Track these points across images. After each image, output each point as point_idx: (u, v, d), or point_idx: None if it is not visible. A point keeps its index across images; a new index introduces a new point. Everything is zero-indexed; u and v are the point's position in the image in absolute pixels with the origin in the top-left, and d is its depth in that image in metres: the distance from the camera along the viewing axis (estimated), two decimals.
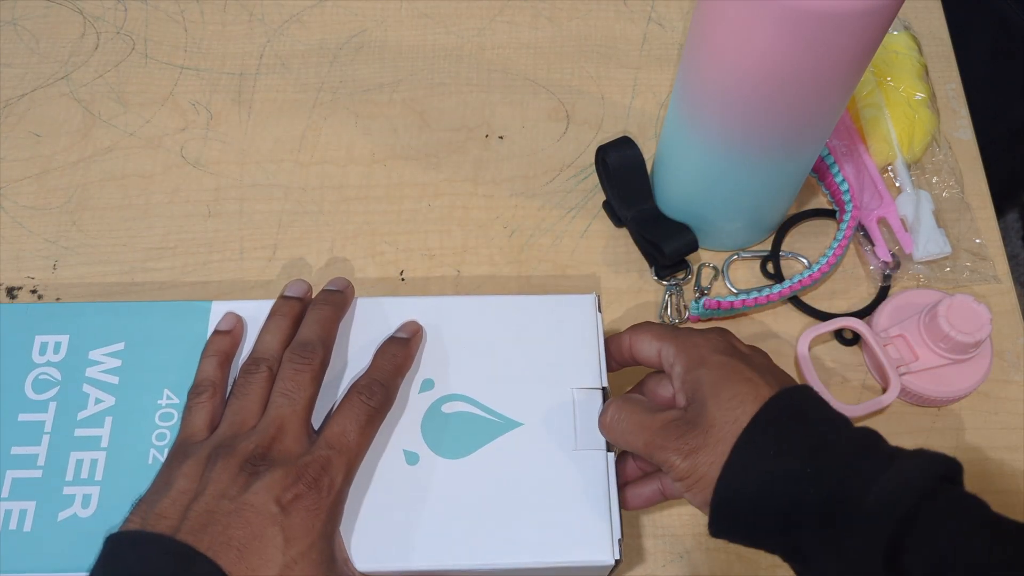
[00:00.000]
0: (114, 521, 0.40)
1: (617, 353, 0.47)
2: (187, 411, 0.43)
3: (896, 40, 0.62)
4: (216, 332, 0.45)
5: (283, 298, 0.47)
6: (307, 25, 0.65)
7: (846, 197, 0.56)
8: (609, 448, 0.44)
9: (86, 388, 0.45)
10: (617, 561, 0.42)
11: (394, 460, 0.43)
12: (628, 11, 0.66)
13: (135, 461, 0.43)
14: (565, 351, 0.46)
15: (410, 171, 0.60)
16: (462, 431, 0.44)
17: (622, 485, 0.46)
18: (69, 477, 0.43)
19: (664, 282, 0.56)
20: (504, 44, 0.65)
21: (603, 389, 0.45)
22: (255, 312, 0.47)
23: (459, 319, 0.47)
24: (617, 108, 0.62)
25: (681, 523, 0.50)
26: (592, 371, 0.45)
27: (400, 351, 0.45)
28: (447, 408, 0.45)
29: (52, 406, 0.44)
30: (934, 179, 0.59)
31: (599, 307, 0.47)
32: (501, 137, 0.61)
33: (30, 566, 0.41)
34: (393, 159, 0.60)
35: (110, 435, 0.44)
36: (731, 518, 0.39)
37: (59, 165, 0.60)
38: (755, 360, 0.42)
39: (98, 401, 0.45)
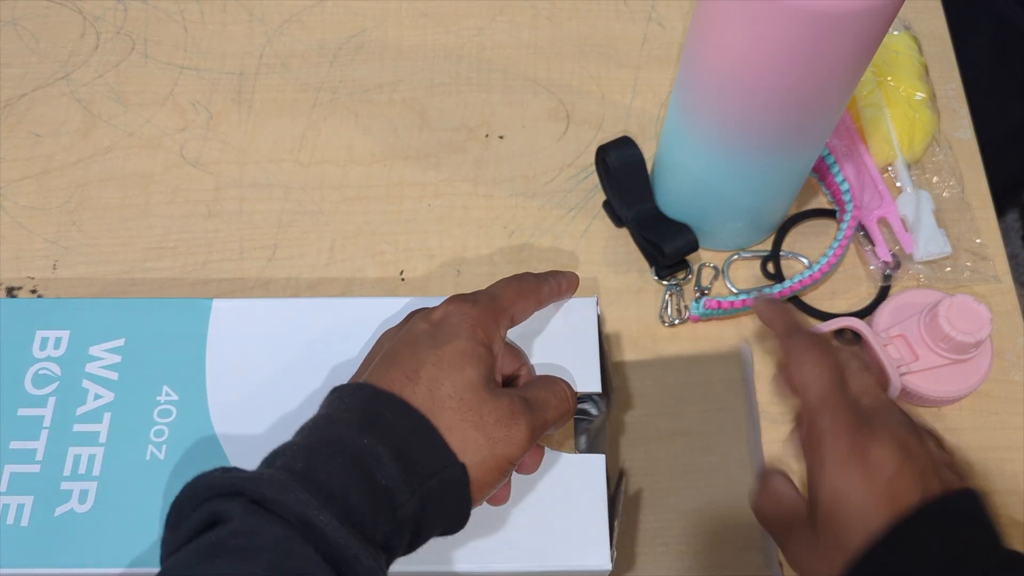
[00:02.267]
0: (111, 517, 0.40)
1: (787, 385, 0.41)
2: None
3: (896, 40, 0.62)
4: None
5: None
6: (307, 25, 0.65)
7: (846, 197, 0.56)
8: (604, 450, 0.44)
9: (86, 384, 0.45)
10: (610, 569, 0.42)
11: None
12: (628, 11, 0.66)
13: (133, 457, 0.43)
14: (565, 354, 0.46)
15: (410, 171, 0.60)
16: None
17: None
18: (67, 472, 0.43)
19: (664, 282, 0.56)
20: (504, 44, 0.65)
21: (600, 395, 0.45)
22: (255, 311, 0.46)
23: None
24: (617, 108, 0.62)
25: (680, 523, 0.50)
26: (591, 374, 0.45)
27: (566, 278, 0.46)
28: None
29: (51, 401, 0.45)
30: (934, 179, 0.59)
31: (599, 309, 0.47)
32: (501, 137, 0.61)
33: (28, 561, 0.41)
34: (393, 159, 0.60)
35: (109, 431, 0.44)
36: None
37: (59, 165, 0.60)
38: (884, 470, 0.36)
39: (97, 397, 0.45)
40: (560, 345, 0.46)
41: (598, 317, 0.47)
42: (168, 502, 0.42)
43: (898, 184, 0.58)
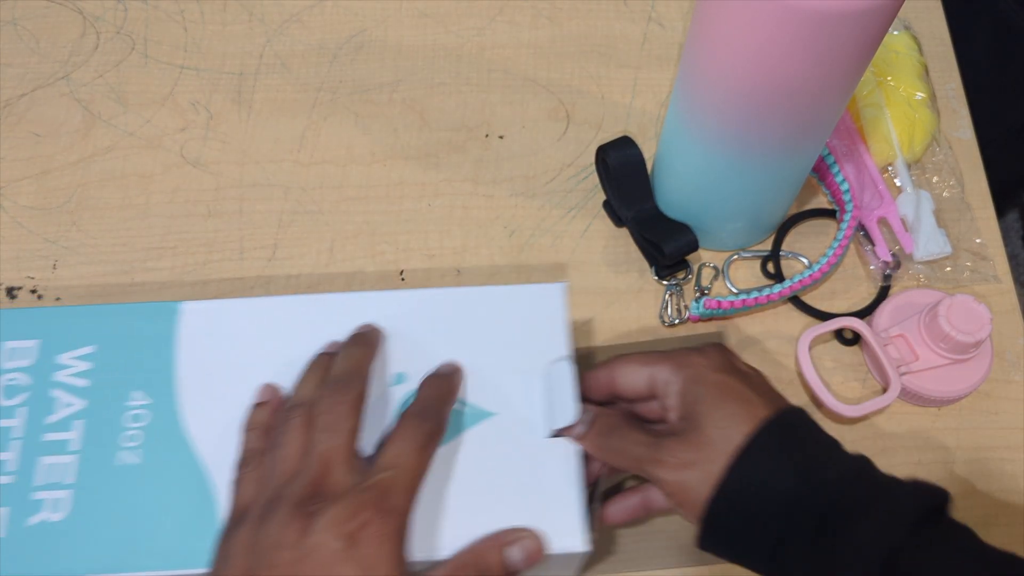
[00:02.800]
0: (86, 524, 0.40)
1: (596, 389, 0.46)
2: (234, 485, 0.41)
3: (896, 40, 0.62)
4: (255, 405, 0.44)
5: (321, 353, 0.45)
6: (307, 25, 0.65)
7: (846, 197, 0.56)
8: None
9: (56, 392, 0.44)
10: (587, 551, 0.41)
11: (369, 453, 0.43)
12: (628, 11, 0.66)
13: (106, 464, 0.43)
14: (535, 341, 0.46)
15: (410, 171, 0.60)
16: None
17: (605, 500, 0.47)
18: (40, 482, 0.42)
19: (664, 282, 0.56)
20: (504, 44, 0.65)
21: (570, 359, 0.45)
22: (225, 311, 0.46)
23: (430, 312, 0.46)
24: (617, 108, 0.62)
25: (684, 523, 0.50)
26: (561, 354, 0.45)
27: (444, 382, 0.44)
28: None
29: (22, 412, 0.44)
30: (934, 179, 0.59)
31: (566, 297, 0.47)
32: (501, 137, 0.61)
33: (4, 572, 0.41)
34: (393, 159, 0.60)
35: (81, 439, 0.43)
36: (721, 534, 0.40)
37: (59, 165, 0.60)
38: (753, 380, 0.43)
39: (68, 405, 0.44)
40: (531, 332, 0.46)
41: (566, 302, 0.47)
42: (143, 507, 0.42)
43: (898, 184, 0.58)
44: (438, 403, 0.43)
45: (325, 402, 0.40)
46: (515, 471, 0.43)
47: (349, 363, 0.43)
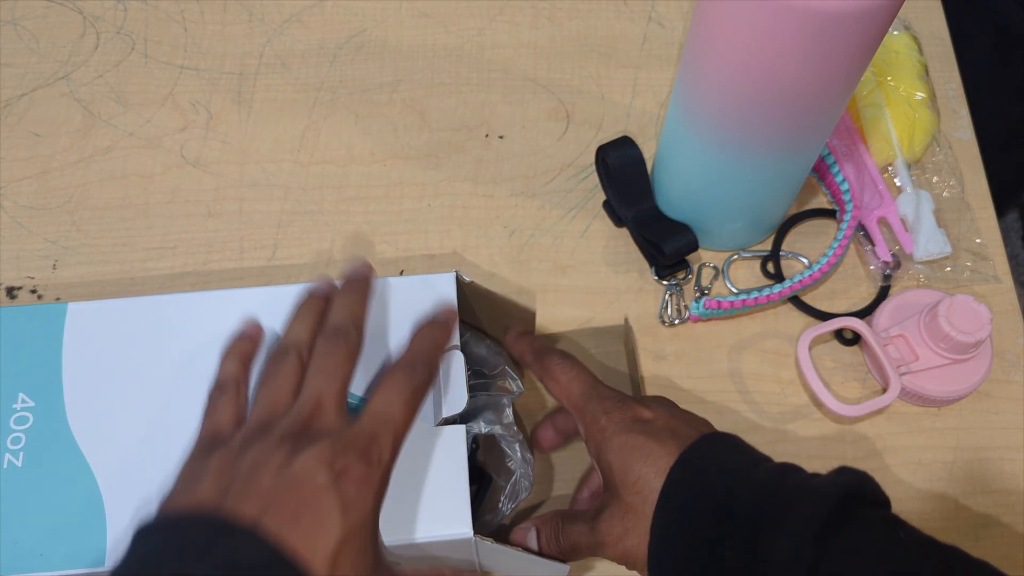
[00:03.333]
0: None
1: (550, 439, 0.50)
2: (208, 408, 0.41)
3: (896, 40, 0.62)
4: (236, 337, 0.43)
5: (309, 292, 0.44)
6: (307, 25, 0.65)
7: (846, 197, 0.56)
8: (465, 421, 0.44)
9: None
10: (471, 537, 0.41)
11: None
12: (628, 11, 0.66)
13: None
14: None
15: (410, 171, 0.60)
16: None
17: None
18: None
19: (664, 282, 0.56)
20: (504, 44, 0.65)
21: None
22: (112, 311, 0.46)
23: None
24: (617, 108, 0.62)
25: None
26: (452, 344, 0.45)
27: (439, 331, 0.44)
28: None
29: None
30: (934, 179, 0.59)
31: (459, 285, 0.47)
32: (501, 137, 0.61)
33: None
34: (393, 159, 0.60)
35: None
36: None
37: (59, 165, 0.60)
38: (657, 424, 0.43)
39: None
40: (419, 322, 0.45)
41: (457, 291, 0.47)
42: (26, 509, 0.41)
43: (898, 184, 0.58)
44: (429, 353, 0.42)
45: (324, 347, 0.40)
46: (403, 460, 0.41)
47: (347, 313, 0.42)
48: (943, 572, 0.36)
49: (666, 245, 0.53)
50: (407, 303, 0.46)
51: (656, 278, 0.56)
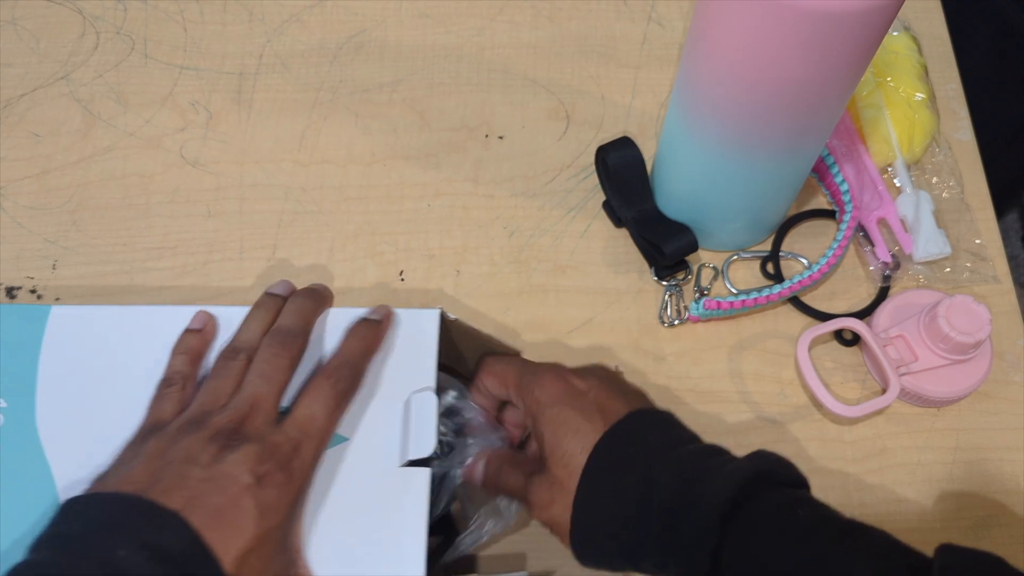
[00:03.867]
0: None
1: (484, 398, 0.48)
2: (154, 400, 0.42)
3: (896, 40, 0.62)
4: (186, 331, 0.45)
5: (267, 293, 0.47)
6: (307, 25, 0.65)
7: (846, 197, 0.56)
8: (428, 464, 0.44)
9: None
10: None
11: None
12: (628, 11, 0.66)
13: None
14: (402, 367, 0.45)
15: (410, 171, 0.60)
16: None
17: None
18: None
19: (664, 282, 0.56)
20: (504, 44, 0.65)
21: (434, 390, 0.45)
22: (94, 317, 0.46)
23: None
24: (617, 108, 0.62)
25: None
26: (427, 383, 0.45)
27: (370, 332, 0.45)
28: None
29: None
30: (934, 179, 0.59)
31: (444, 321, 0.47)
32: (501, 137, 0.61)
33: None
34: (393, 159, 0.60)
35: None
36: (589, 556, 0.42)
37: (59, 165, 0.60)
38: (588, 398, 0.44)
39: None
40: (399, 357, 0.46)
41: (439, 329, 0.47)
42: None
43: (898, 184, 0.58)
44: (357, 358, 0.44)
45: (267, 350, 0.42)
46: (363, 498, 0.42)
47: (296, 317, 0.44)
48: (835, 545, 0.37)
49: (666, 245, 0.53)
50: (388, 338, 0.46)
51: (656, 278, 0.56)
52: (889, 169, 0.59)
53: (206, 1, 0.66)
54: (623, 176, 0.55)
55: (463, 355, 0.53)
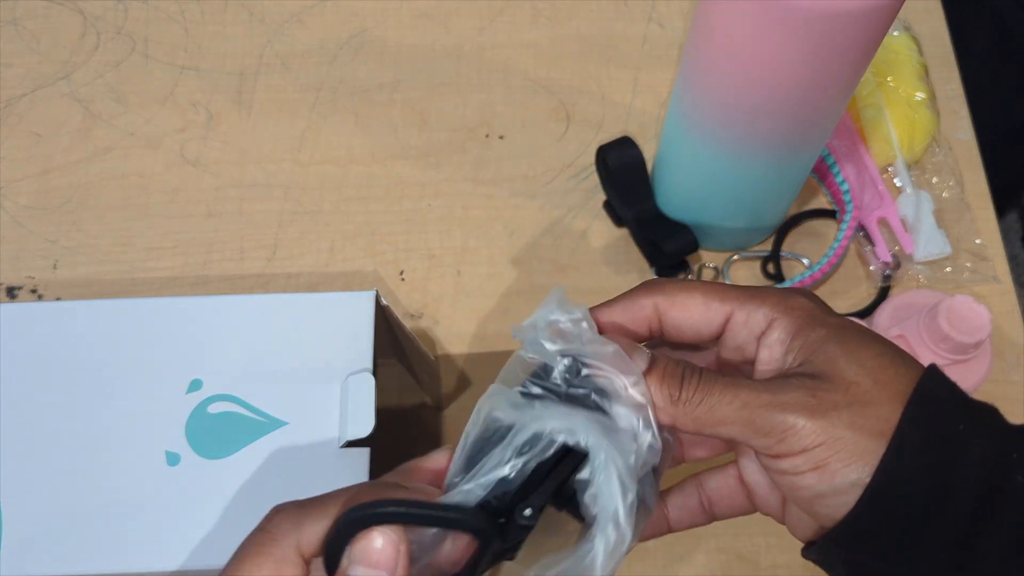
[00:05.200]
0: None
1: (628, 323, 0.34)
2: None
3: (896, 41, 0.62)
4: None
5: None
6: (307, 25, 0.65)
7: (846, 197, 0.56)
8: (370, 443, 0.42)
9: None
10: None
11: (154, 461, 0.42)
12: (628, 11, 0.66)
13: None
14: (338, 350, 0.45)
15: (410, 171, 0.60)
16: (226, 431, 0.43)
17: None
18: None
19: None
20: (504, 44, 0.65)
21: (371, 371, 0.44)
22: (40, 314, 0.45)
23: (233, 319, 0.46)
24: (617, 108, 0.62)
25: None
26: (363, 365, 0.45)
27: None
28: (213, 408, 0.44)
29: None
30: (934, 179, 0.59)
31: (379, 305, 0.46)
32: (501, 137, 0.61)
33: None
34: (393, 159, 0.60)
35: None
36: (889, 507, 0.29)
37: (59, 165, 0.60)
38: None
39: None
40: (335, 340, 0.45)
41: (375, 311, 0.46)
42: None
43: (898, 184, 0.58)
44: None
45: None
46: (303, 480, 0.42)
47: None
48: None
49: (666, 245, 0.53)
50: (323, 320, 0.45)
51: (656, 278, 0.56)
52: (889, 169, 0.59)
53: (206, 1, 0.66)
54: (623, 176, 0.55)
55: (399, 341, 0.53)
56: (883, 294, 0.56)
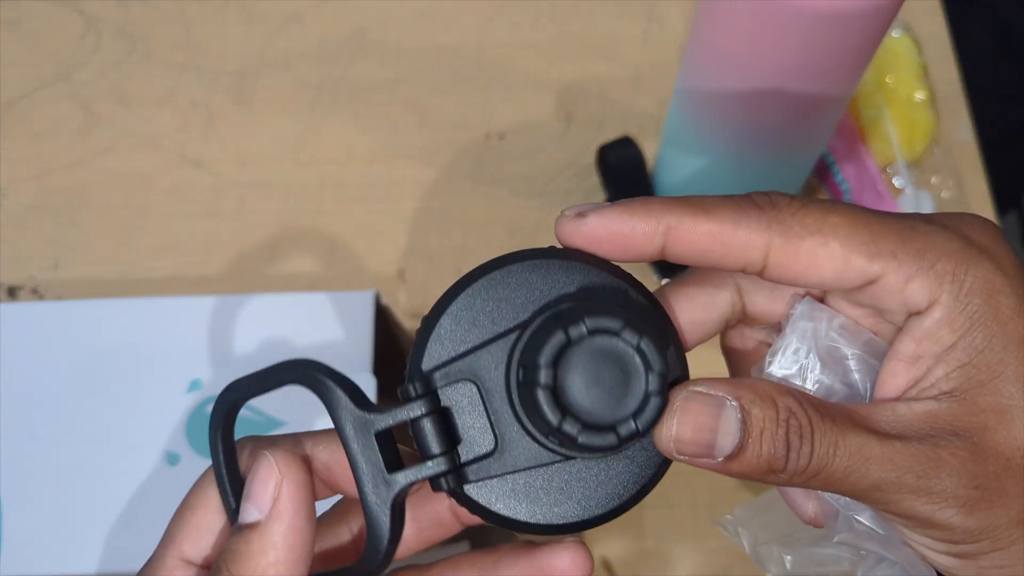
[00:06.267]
0: None
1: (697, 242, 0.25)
2: None
3: (896, 41, 0.62)
4: None
5: None
6: (307, 25, 0.65)
7: (846, 198, 0.56)
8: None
9: None
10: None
11: (154, 461, 0.42)
12: (628, 11, 0.66)
13: None
14: (337, 350, 0.45)
15: (410, 171, 0.60)
16: None
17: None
18: None
19: (665, 282, 0.56)
20: (505, 43, 0.65)
21: (371, 371, 0.44)
22: (41, 314, 0.45)
23: (233, 319, 0.46)
24: (617, 108, 0.62)
25: (680, 523, 0.50)
26: (363, 366, 0.44)
27: None
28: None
29: None
30: (934, 179, 0.59)
31: (379, 305, 0.46)
32: (501, 137, 0.61)
33: None
34: (393, 159, 0.60)
35: None
36: None
37: (60, 165, 0.60)
38: None
39: None
40: (335, 340, 0.45)
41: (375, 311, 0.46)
42: None
43: (898, 185, 0.58)
44: None
45: None
46: None
47: None
48: None
49: None
50: (323, 320, 0.45)
51: (657, 278, 0.56)
52: (889, 169, 0.59)
53: (206, 1, 0.66)
54: (624, 176, 0.56)
55: (400, 342, 0.53)
56: None
